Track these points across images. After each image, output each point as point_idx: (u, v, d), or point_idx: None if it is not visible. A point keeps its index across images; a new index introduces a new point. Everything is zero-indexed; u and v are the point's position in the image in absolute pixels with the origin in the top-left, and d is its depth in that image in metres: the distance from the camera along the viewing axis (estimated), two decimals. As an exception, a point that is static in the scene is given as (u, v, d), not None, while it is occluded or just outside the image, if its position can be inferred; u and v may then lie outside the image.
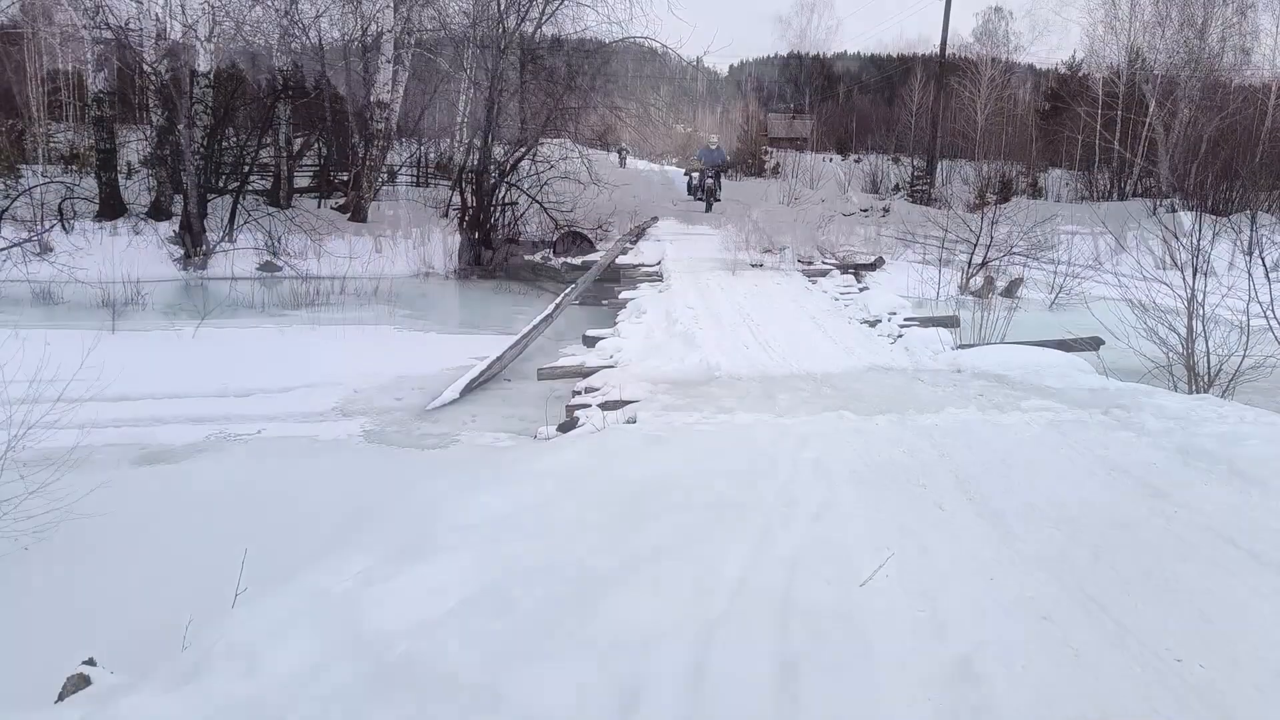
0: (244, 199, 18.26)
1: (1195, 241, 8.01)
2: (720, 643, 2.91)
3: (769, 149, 60.17)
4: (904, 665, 2.98)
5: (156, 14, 18.86)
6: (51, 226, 17.09)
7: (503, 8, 17.86)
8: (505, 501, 4.18)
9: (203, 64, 17.69)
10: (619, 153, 41.03)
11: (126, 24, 19.32)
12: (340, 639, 3.01)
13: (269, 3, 20.34)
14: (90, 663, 4.04)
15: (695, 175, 25.04)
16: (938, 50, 34.76)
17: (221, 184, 19.04)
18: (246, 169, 19.38)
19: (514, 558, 3.50)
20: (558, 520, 3.91)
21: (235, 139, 19.70)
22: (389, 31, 20.23)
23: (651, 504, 4.06)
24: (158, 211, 18.69)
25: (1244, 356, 7.72)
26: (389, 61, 20.41)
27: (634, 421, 6.65)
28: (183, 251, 17.29)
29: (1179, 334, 8.10)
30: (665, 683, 2.67)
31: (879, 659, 2.98)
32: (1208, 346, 7.90)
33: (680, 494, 4.19)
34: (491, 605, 3.10)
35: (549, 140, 18.94)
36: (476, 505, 4.19)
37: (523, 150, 18.32)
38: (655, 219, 18.67)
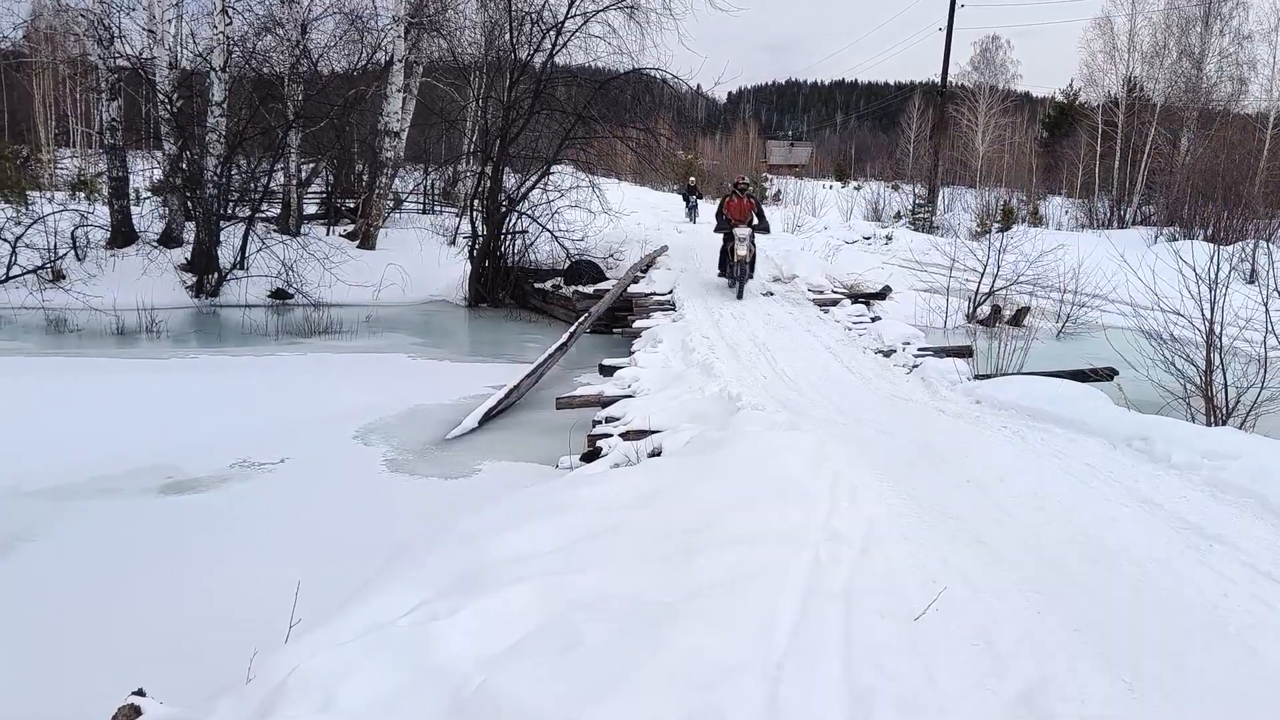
0: (255, 227, 18.38)
1: (1213, 274, 8.11)
2: (790, 676, 2.98)
3: (769, 176, 60.75)
4: (969, 699, 3.04)
5: (169, 43, 19.06)
6: (65, 254, 17.19)
7: (515, 39, 18.06)
8: (553, 535, 4.24)
9: (217, 93, 17.86)
10: (687, 196, 31.99)
11: (140, 54, 19.55)
12: (412, 672, 3.07)
13: (280, 33, 20.57)
14: (140, 693, 4.08)
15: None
16: (937, 78, 35.03)
17: (232, 211, 19.18)
18: (258, 197, 19.52)
19: (573, 591, 3.56)
20: (611, 554, 3.97)
21: (247, 167, 19.85)
22: (399, 61, 20.43)
23: (701, 538, 4.13)
24: (169, 239, 18.84)
25: (1262, 388, 7.82)
26: (399, 90, 20.60)
27: (659, 453, 6.72)
28: (195, 279, 17.39)
29: (1197, 366, 8.19)
30: (743, 715, 2.74)
31: (945, 693, 3.04)
32: (1225, 379, 7.99)
33: (727, 528, 4.26)
34: (560, 638, 3.16)
35: (560, 169, 19.10)
36: (524, 539, 4.25)
37: (534, 178, 18.46)
38: (665, 248, 18.80)
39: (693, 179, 32.57)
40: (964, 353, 10.78)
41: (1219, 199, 23.67)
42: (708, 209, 31.57)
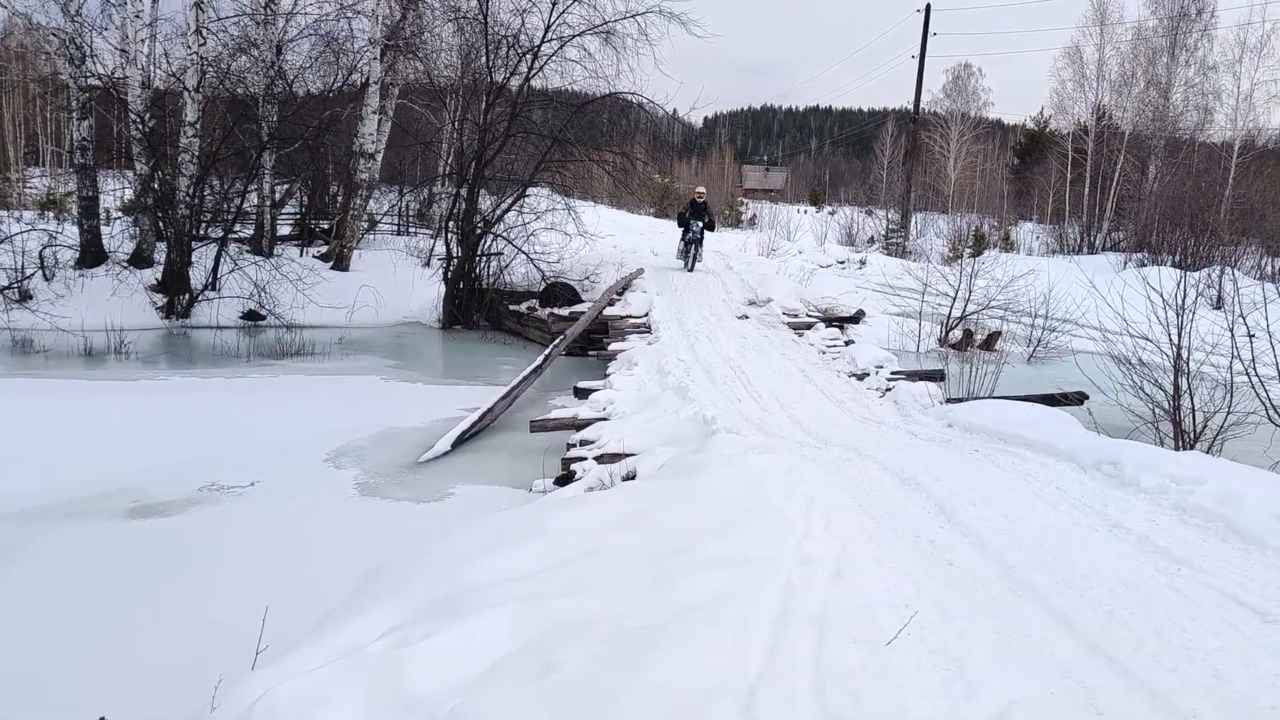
0: (227, 247, 18.26)
1: (1180, 300, 8.23)
2: (763, 702, 2.97)
3: (744, 200, 61.12)
4: (942, 725, 3.05)
5: (142, 63, 18.97)
6: (32, 274, 16.98)
7: (491, 62, 18.13)
8: (529, 559, 4.22)
9: (190, 113, 17.77)
10: (687, 221, 19.60)
11: (112, 73, 19.44)
12: (384, 698, 3.03)
13: (255, 54, 20.53)
14: (104, 722, 4.01)
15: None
16: (910, 105, 35.45)
17: (205, 232, 19.03)
18: (231, 217, 19.40)
19: (549, 615, 3.54)
20: (587, 578, 3.95)
21: (220, 187, 19.74)
22: (375, 83, 20.42)
23: (678, 562, 4.12)
24: (139, 259, 18.66)
25: (1229, 413, 7.93)
26: (374, 112, 20.58)
27: (634, 476, 6.71)
28: (165, 300, 17.23)
29: (1165, 390, 8.30)
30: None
31: (917, 718, 3.04)
32: (1193, 403, 8.10)
33: (703, 553, 4.25)
34: (536, 663, 3.14)
35: (536, 191, 19.13)
36: (499, 563, 4.22)
37: (510, 201, 18.49)
38: (641, 270, 18.83)
39: (700, 190, 20.38)
40: (936, 376, 10.86)
41: (1186, 226, 24.08)
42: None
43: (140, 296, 17.25)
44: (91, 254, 18.49)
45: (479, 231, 18.51)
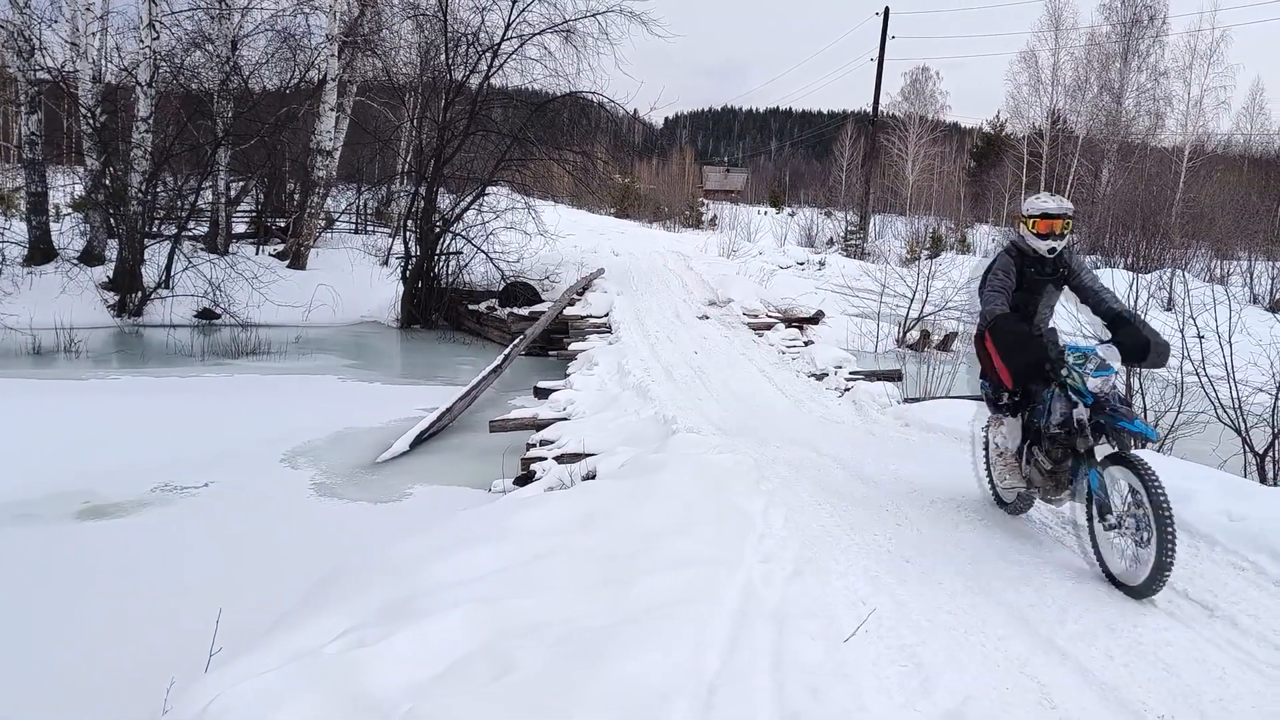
0: (181, 245, 17.97)
1: (1132, 301, 8.37)
2: (722, 701, 2.97)
3: (705, 201, 61.30)
4: (898, 720, 3.07)
5: (93, 57, 18.63)
6: (-22, 271, 16.60)
7: (451, 60, 18.02)
8: (488, 560, 4.19)
9: (142, 109, 17.47)
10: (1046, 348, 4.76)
11: (62, 67, 19.07)
12: (339, 699, 2.99)
13: (210, 49, 20.24)
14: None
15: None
16: (869, 108, 35.78)
17: (158, 229, 18.72)
18: (185, 214, 19.09)
19: (507, 617, 3.52)
20: (546, 579, 3.94)
21: (174, 184, 19.42)
22: (332, 80, 20.22)
23: (638, 562, 4.12)
24: (90, 257, 18.31)
25: (1179, 413, 8.07)
26: (332, 109, 20.37)
27: (594, 476, 6.70)
28: (117, 298, 16.92)
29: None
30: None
31: (874, 714, 3.06)
32: (1145, 403, 8.24)
33: (664, 552, 4.25)
34: (492, 665, 3.12)
35: (496, 190, 19.04)
36: (457, 564, 4.19)
37: (469, 199, 18.38)
38: (602, 270, 18.83)
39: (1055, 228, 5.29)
40: (894, 376, 10.95)
41: (1138, 229, 24.51)
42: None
43: (91, 294, 16.93)
44: (40, 251, 18.11)
45: (438, 230, 18.38)
